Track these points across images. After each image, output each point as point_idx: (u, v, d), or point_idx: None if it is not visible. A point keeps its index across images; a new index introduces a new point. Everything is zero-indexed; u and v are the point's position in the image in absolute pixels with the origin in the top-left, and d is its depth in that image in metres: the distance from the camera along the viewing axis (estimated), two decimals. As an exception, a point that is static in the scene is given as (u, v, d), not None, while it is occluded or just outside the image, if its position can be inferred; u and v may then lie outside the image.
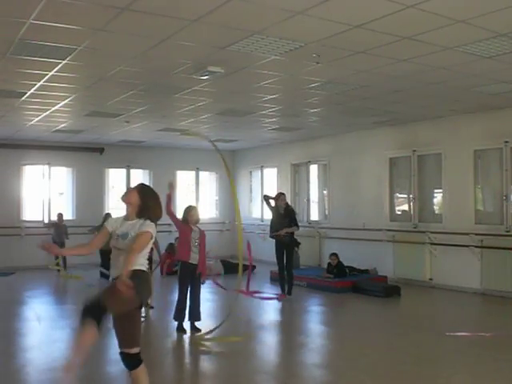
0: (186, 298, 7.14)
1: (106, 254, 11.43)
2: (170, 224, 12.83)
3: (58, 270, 12.46)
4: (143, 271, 3.92)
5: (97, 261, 11.56)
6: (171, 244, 12.62)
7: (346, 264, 10.81)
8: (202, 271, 7.18)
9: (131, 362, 3.89)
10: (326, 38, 5.69)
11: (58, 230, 12.75)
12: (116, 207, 10.35)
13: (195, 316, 7.18)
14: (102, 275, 11.44)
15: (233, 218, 16.68)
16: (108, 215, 11.66)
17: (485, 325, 7.57)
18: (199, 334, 6.96)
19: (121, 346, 3.88)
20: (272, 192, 12.28)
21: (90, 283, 10.51)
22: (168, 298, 9.58)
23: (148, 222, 3.95)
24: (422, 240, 10.72)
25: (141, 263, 3.90)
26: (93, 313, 3.55)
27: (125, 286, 3.47)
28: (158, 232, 4.04)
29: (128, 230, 3.95)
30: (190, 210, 7.30)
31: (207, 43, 5.91)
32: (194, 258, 7.08)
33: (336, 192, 13.00)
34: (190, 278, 7.10)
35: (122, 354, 3.89)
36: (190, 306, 7.18)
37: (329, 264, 10.78)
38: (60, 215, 13.01)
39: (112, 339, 7.07)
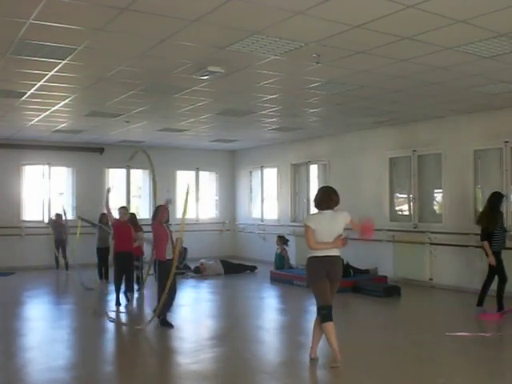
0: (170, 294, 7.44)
1: (104, 253, 11.45)
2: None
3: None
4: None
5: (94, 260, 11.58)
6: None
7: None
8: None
9: (331, 312, 5.44)
10: (325, 38, 5.69)
11: (59, 228, 12.88)
12: (115, 207, 10.34)
13: (169, 308, 7.56)
14: (101, 277, 11.43)
15: (233, 217, 16.72)
16: (104, 215, 11.68)
17: (485, 325, 7.56)
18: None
19: (331, 300, 5.51)
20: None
21: (86, 285, 10.48)
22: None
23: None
24: (422, 240, 10.72)
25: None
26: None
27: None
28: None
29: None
30: (161, 208, 7.63)
31: (207, 43, 5.91)
32: (168, 254, 7.42)
33: (336, 192, 12.97)
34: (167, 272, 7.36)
35: (329, 306, 5.44)
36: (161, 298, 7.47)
37: None
38: (59, 215, 13.07)
39: (110, 341, 7.10)
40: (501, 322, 7.56)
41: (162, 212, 7.57)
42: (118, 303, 8.95)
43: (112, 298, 9.60)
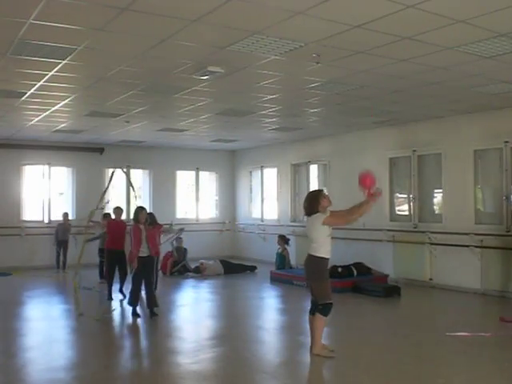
0: (139, 287, 7.97)
1: (103, 253, 11.41)
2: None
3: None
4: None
5: (95, 261, 11.53)
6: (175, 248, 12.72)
7: (349, 263, 10.79)
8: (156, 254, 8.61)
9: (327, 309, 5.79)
10: (325, 38, 5.69)
11: (63, 228, 13.04)
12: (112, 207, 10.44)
13: (151, 303, 7.96)
14: (101, 277, 11.42)
15: (233, 217, 16.73)
16: (107, 215, 11.67)
17: (485, 325, 7.56)
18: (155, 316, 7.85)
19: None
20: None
21: (85, 286, 10.48)
22: (169, 298, 9.61)
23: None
24: (422, 240, 10.72)
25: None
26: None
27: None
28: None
29: None
30: (141, 211, 8.16)
31: (207, 43, 5.91)
32: (143, 252, 7.91)
33: (336, 192, 12.98)
34: (143, 269, 7.91)
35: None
36: (145, 294, 8.08)
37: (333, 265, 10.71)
38: (65, 214, 13.34)
39: (110, 341, 7.08)
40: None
41: (141, 215, 8.10)
42: (109, 298, 9.43)
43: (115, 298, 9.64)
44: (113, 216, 10.26)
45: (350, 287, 10.00)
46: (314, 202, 5.92)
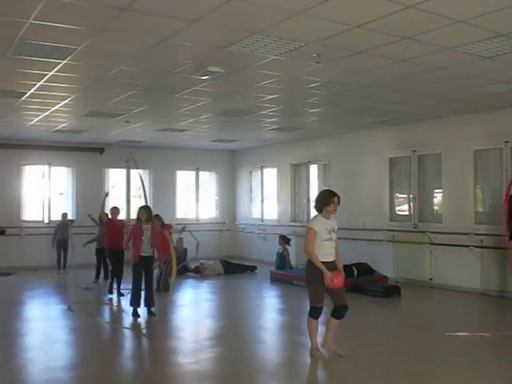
0: (140, 287, 8.02)
1: (102, 253, 11.42)
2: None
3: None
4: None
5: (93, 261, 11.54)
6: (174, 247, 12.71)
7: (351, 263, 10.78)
8: (161, 256, 8.70)
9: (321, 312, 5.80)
10: (326, 38, 5.69)
11: (63, 228, 12.96)
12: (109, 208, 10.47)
13: (150, 302, 8.05)
14: (97, 276, 11.41)
15: (233, 217, 16.73)
16: (105, 215, 11.67)
17: (485, 325, 7.57)
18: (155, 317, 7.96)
19: (342, 301, 5.80)
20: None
21: (85, 286, 10.51)
22: (169, 298, 9.60)
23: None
24: (422, 240, 10.72)
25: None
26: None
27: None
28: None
29: (334, 225, 5.80)
30: (140, 210, 8.30)
31: (207, 43, 5.91)
32: (144, 251, 7.97)
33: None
34: (143, 268, 7.98)
35: (321, 308, 5.76)
36: (144, 294, 8.07)
37: None
38: (64, 214, 13.28)
39: (110, 341, 7.09)
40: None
41: (140, 214, 8.17)
42: (110, 292, 9.72)
43: (112, 298, 9.64)
44: (110, 216, 10.35)
45: (350, 287, 9.98)
46: (322, 201, 5.87)
